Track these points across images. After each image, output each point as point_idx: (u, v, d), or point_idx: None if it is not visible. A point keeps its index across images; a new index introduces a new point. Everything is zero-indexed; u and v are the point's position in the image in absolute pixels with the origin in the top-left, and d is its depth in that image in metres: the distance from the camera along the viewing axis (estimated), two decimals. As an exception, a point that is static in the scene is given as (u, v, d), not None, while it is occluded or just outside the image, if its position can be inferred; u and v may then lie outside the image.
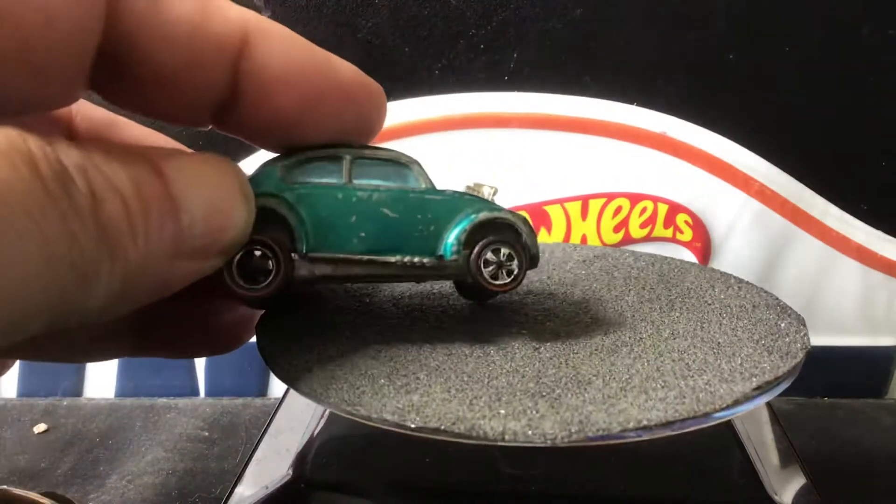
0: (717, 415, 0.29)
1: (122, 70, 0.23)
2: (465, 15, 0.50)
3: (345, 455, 0.37)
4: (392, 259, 0.31)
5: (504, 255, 0.31)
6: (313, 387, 0.31)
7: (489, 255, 0.31)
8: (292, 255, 0.29)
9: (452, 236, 0.31)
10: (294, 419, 0.42)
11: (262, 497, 0.37)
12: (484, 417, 0.29)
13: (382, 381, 0.32)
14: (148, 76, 0.24)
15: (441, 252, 0.31)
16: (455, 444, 0.30)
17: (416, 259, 0.31)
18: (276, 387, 0.57)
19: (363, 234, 0.30)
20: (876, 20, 0.50)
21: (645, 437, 0.28)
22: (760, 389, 0.30)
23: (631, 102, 0.52)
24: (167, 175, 0.22)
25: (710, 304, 0.37)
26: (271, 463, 0.40)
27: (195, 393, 0.58)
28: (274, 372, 0.33)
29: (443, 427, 0.29)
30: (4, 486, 0.37)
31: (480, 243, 0.31)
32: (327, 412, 0.41)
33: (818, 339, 0.36)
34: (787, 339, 0.33)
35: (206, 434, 0.52)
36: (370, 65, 0.52)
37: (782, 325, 0.34)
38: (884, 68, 0.51)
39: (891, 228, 0.54)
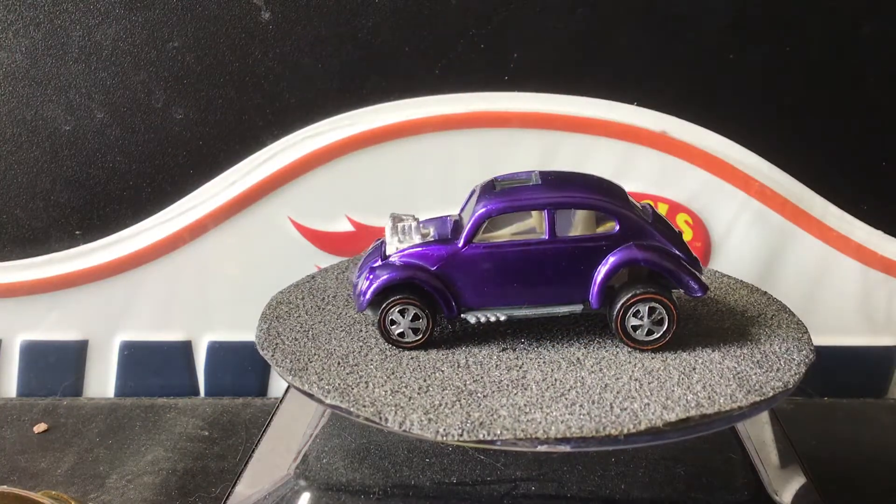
0: (617, 438, 0.28)
1: None
2: (465, 15, 0.50)
3: (345, 455, 0.37)
4: None
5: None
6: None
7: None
8: None
9: None
10: (294, 419, 0.42)
11: (262, 497, 0.37)
12: (396, 405, 0.29)
13: (338, 361, 0.32)
14: None
15: None
16: (456, 444, 0.30)
17: None
18: (276, 387, 0.57)
19: None
20: (876, 19, 0.50)
21: (540, 449, 0.28)
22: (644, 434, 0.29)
23: (631, 102, 0.52)
24: None
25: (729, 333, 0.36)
26: (271, 463, 0.40)
27: (195, 393, 0.58)
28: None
29: (352, 409, 0.30)
30: (4, 486, 0.37)
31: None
32: (327, 412, 0.41)
33: (818, 339, 0.36)
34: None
35: (206, 434, 0.52)
36: (370, 65, 0.52)
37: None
38: (884, 68, 0.51)
39: (891, 228, 0.54)
